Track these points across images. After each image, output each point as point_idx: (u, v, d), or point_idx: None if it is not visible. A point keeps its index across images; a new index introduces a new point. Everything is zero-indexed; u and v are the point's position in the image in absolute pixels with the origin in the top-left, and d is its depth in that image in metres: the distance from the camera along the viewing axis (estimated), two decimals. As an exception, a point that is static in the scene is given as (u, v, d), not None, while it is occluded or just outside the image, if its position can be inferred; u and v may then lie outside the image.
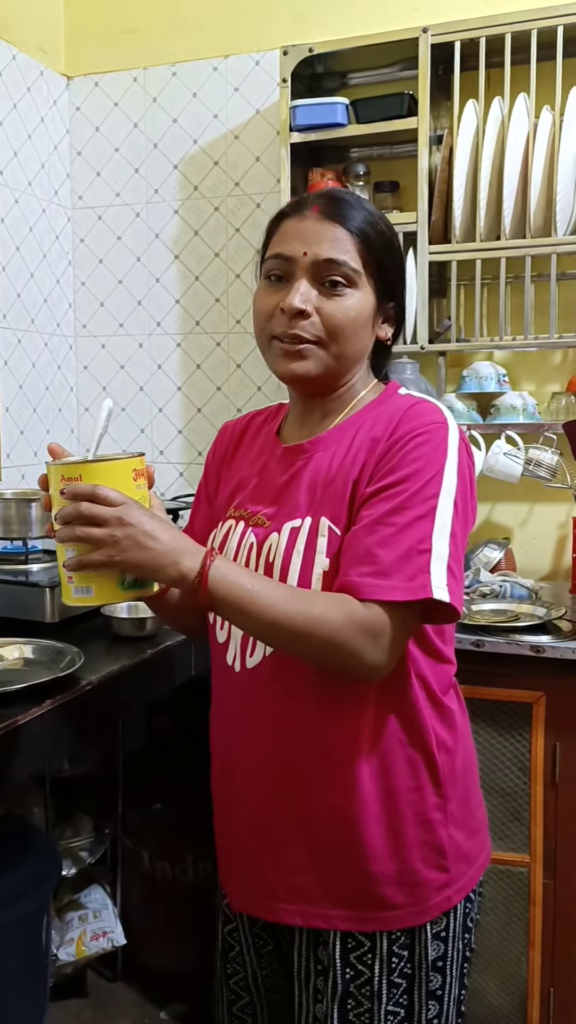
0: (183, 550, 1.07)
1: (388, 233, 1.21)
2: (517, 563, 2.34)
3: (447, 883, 1.21)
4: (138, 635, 1.77)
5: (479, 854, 1.28)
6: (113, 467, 1.06)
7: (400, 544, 1.08)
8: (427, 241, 2.16)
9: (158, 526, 1.06)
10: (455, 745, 1.22)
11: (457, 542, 1.11)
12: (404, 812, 1.17)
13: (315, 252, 1.15)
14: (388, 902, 1.18)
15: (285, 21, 2.46)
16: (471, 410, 2.30)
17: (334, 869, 1.18)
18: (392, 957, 1.20)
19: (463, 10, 2.23)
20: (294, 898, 1.20)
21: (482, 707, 1.87)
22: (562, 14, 2.03)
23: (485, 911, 1.91)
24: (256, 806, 1.22)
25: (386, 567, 1.07)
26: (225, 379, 2.61)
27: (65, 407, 2.73)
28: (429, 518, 1.09)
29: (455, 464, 1.12)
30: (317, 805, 1.17)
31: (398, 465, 1.11)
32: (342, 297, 1.16)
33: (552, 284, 2.11)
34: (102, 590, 1.08)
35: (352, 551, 1.10)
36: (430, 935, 1.21)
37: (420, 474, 1.10)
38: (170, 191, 2.62)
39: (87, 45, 2.67)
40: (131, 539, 1.04)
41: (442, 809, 1.20)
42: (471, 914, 1.27)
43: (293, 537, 1.16)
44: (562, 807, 1.83)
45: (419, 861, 1.18)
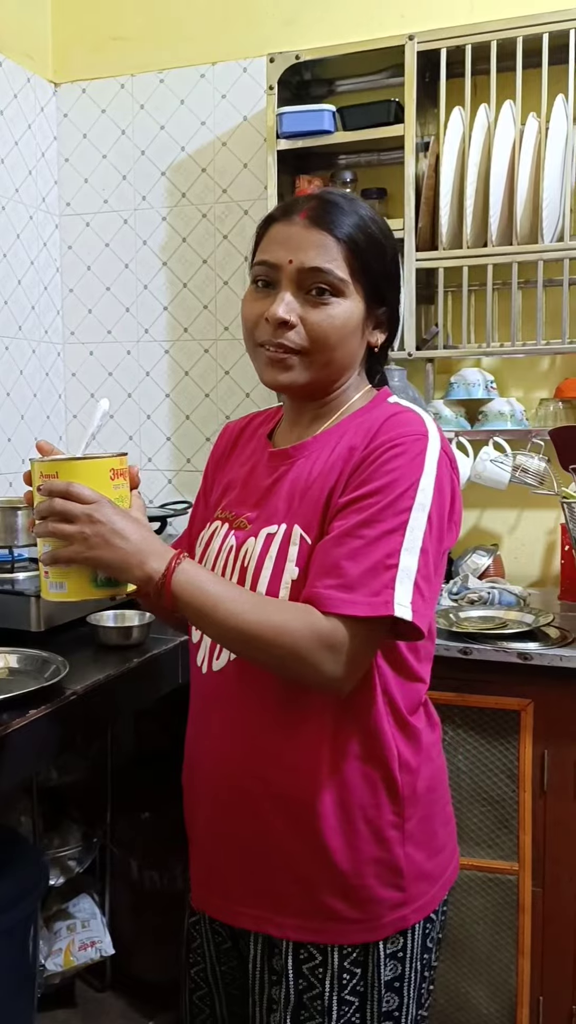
0: (151, 551, 1.06)
1: (379, 236, 1.19)
2: (506, 569, 2.34)
3: (402, 902, 1.18)
4: (124, 644, 1.76)
5: (441, 875, 1.24)
6: (90, 465, 1.08)
7: (367, 558, 1.06)
8: (414, 248, 2.16)
9: (129, 525, 1.06)
10: (419, 764, 1.20)
11: (428, 559, 1.09)
12: (359, 828, 1.16)
13: (300, 260, 1.14)
14: (339, 915, 1.16)
15: (272, 28, 2.46)
16: (459, 416, 2.30)
17: (287, 877, 1.17)
18: (343, 973, 1.18)
19: (449, 18, 2.24)
20: (248, 902, 1.20)
21: (470, 715, 1.86)
22: (547, 22, 2.03)
23: (475, 920, 1.90)
24: (215, 808, 1.22)
25: (351, 581, 1.06)
26: (213, 386, 2.61)
27: (53, 414, 2.72)
28: (399, 532, 1.07)
29: (432, 478, 1.10)
30: (273, 813, 1.16)
31: (371, 476, 1.10)
32: (328, 306, 1.14)
33: (539, 291, 2.11)
34: (75, 586, 1.09)
35: (319, 562, 1.09)
36: (384, 954, 1.18)
37: (393, 487, 1.08)
38: (158, 198, 2.62)
39: (74, 52, 2.67)
40: (100, 536, 1.04)
41: (399, 828, 1.18)
42: (431, 934, 1.24)
43: (267, 543, 1.16)
44: (551, 815, 1.83)
45: (373, 878, 1.16)
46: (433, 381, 2.36)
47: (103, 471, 1.08)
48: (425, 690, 1.23)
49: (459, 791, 1.88)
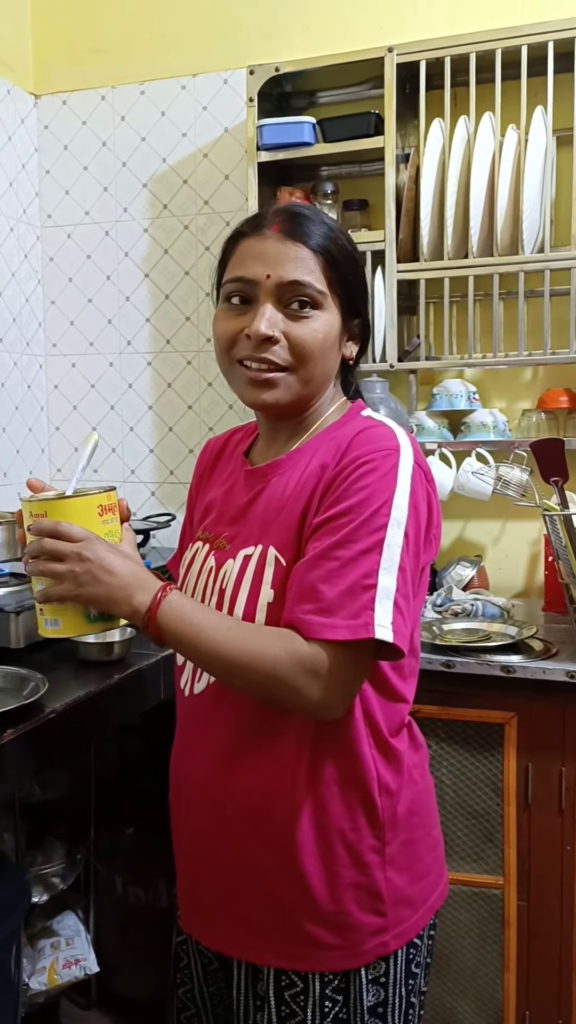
0: (138, 585, 1.06)
1: (350, 248, 1.18)
2: (490, 581, 2.34)
3: (383, 928, 1.16)
4: (105, 660, 1.75)
5: (425, 899, 1.22)
6: (77, 503, 1.08)
7: (344, 580, 1.04)
8: (395, 259, 2.16)
9: (117, 560, 1.06)
10: (400, 787, 1.18)
11: (407, 576, 1.07)
12: (338, 852, 1.14)
13: (279, 274, 1.11)
14: (319, 942, 1.14)
15: (253, 40, 2.46)
16: (442, 428, 2.30)
17: (267, 903, 1.15)
18: (325, 1001, 1.15)
19: (429, 30, 2.24)
20: (230, 927, 1.19)
21: (454, 728, 1.85)
22: (527, 34, 2.04)
23: (461, 935, 1.89)
24: (197, 831, 1.22)
25: (329, 604, 1.04)
26: (196, 398, 2.60)
27: (36, 427, 2.71)
28: (376, 551, 1.05)
29: (406, 493, 1.08)
30: (252, 837, 1.15)
31: (343, 495, 1.08)
32: (309, 319, 1.13)
33: (520, 302, 2.11)
34: (69, 622, 1.10)
35: (297, 587, 1.07)
36: (365, 980, 1.16)
37: (365, 504, 1.06)
38: (139, 209, 2.61)
39: (55, 63, 2.66)
40: (89, 574, 1.04)
41: (379, 852, 1.16)
42: (416, 959, 1.21)
43: (244, 565, 1.15)
44: (535, 828, 1.82)
45: (352, 903, 1.14)
46: (416, 392, 2.36)
47: (91, 508, 1.09)
48: (407, 710, 1.21)
49: (443, 805, 1.87)
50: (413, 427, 2.26)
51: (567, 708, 1.78)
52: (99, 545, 1.06)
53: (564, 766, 1.79)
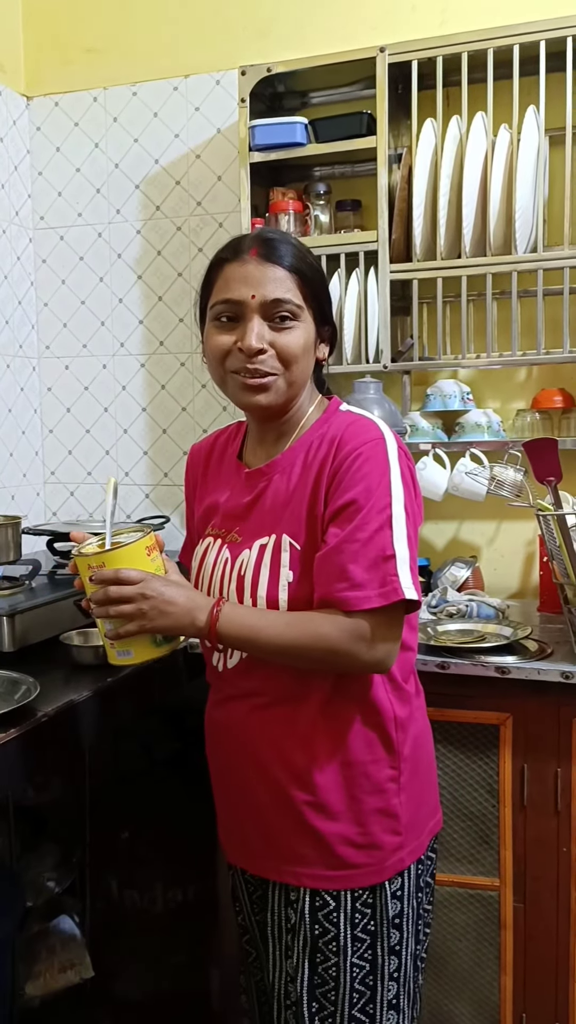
0: (197, 607, 1.26)
1: (315, 263, 1.35)
2: (485, 581, 2.33)
3: (400, 845, 1.35)
4: (98, 663, 1.74)
5: (429, 820, 1.43)
6: (129, 551, 1.25)
7: (367, 557, 1.22)
8: (388, 260, 2.16)
9: (175, 592, 1.26)
10: (410, 723, 1.37)
11: (411, 543, 1.26)
12: (361, 782, 1.32)
13: (263, 294, 1.28)
14: (349, 862, 1.32)
15: (245, 41, 2.45)
16: (436, 428, 2.29)
17: (301, 832, 1.33)
18: (355, 914, 1.34)
19: (421, 30, 2.24)
20: (271, 856, 1.37)
21: (449, 729, 1.85)
22: (518, 33, 2.03)
23: (457, 937, 1.89)
24: (236, 775, 1.40)
25: (360, 580, 1.22)
26: (190, 399, 2.59)
27: (29, 429, 2.70)
28: (387, 528, 1.24)
29: (398, 473, 1.27)
30: (287, 777, 1.32)
31: (348, 485, 1.25)
32: (291, 330, 1.30)
33: (513, 302, 2.11)
34: (139, 650, 1.28)
35: (327, 572, 1.24)
36: (389, 893, 1.35)
37: (370, 491, 1.24)
38: (132, 211, 2.60)
39: (47, 65, 2.65)
40: (155, 609, 1.23)
41: (396, 780, 1.35)
42: (423, 876, 1.41)
43: (261, 553, 1.32)
44: (531, 830, 1.81)
45: (376, 825, 1.33)
46: (410, 393, 2.36)
47: (140, 552, 1.26)
48: (414, 657, 1.42)
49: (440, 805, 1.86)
50: (407, 427, 2.26)
51: (562, 709, 1.77)
52: (156, 582, 1.24)
53: (560, 767, 1.78)
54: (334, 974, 1.34)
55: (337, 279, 2.22)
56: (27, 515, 2.65)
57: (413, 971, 1.41)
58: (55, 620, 1.88)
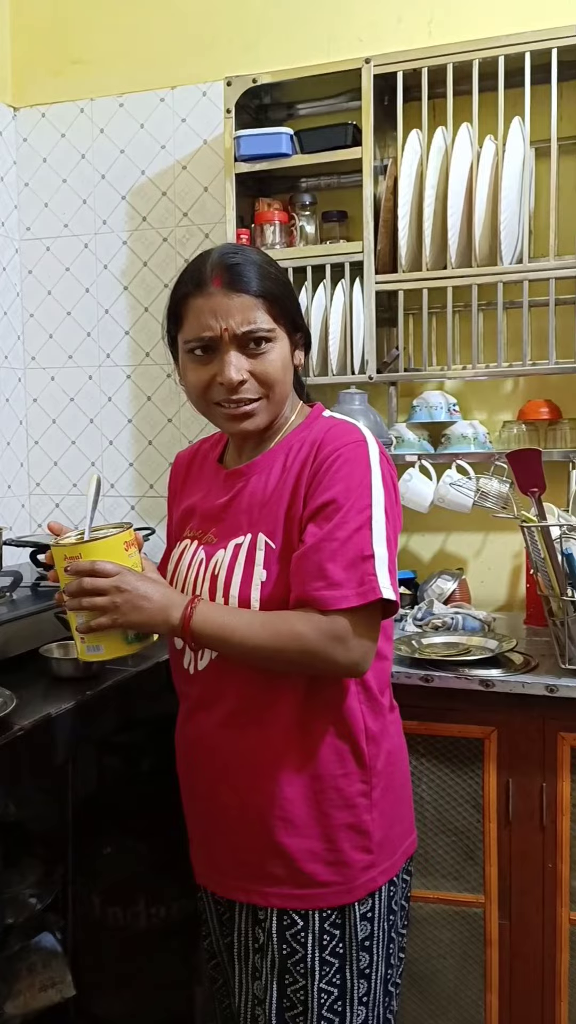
0: (171, 603, 1.24)
1: (279, 274, 1.33)
2: (472, 594, 2.31)
3: (371, 864, 1.31)
4: (78, 676, 1.72)
5: (402, 841, 1.39)
6: (107, 543, 1.24)
7: (345, 556, 1.21)
8: (374, 271, 2.15)
9: (150, 587, 1.23)
10: (382, 737, 1.34)
11: (391, 545, 1.25)
12: (331, 796, 1.29)
13: (233, 327, 1.26)
14: (317, 880, 1.29)
15: (232, 53, 2.45)
16: (422, 440, 2.28)
17: (269, 850, 1.29)
18: (324, 935, 1.30)
19: (406, 41, 2.24)
20: (237, 874, 1.33)
21: (433, 743, 1.83)
22: (503, 45, 2.03)
23: (442, 955, 1.86)
24: (206, 790, 1.37)
25: (338, 579, 1.20)
26: (176, 411, 2.58)
27: (14, 440, 2.68)
28: (366, 528, 1.22)
29: (379, 476, 1.25)
30: (254, 789, 1.30)
31: (328, 485, 1.24)
32: (266, 353, 1.29)
33: (499, 313, 2.10)
34: (110, 646, 1.26)
35: (304, 570, 1.22)
36: (359, 915, 1.31)
37: (350, 491, 1.23)
38: (118, 222, 2.60)
39: (34, 76, 2.65)
40: (129, 603, 1.22)
41: (367, 795, 1.31)
42: (396, 898, 1.37)
43: (236, 551, 1.30)
44: (516, 845, 1.79)
45: (346, 842, 1.29)
46: (396, 404, 2.34)
47: (118, 546, 1.25)
48: (390, 669, 1.40)
49: (424, 822, 1.84)
50: (393, 439, 2.25)
51: (547, 722, 1.75)
52: (132, 576, 1.23)
53: (545, 781, 1.76)
54: (302, 997, 1.30)
55: (323, 290, 2.21)
56: (11, 526, 2.63)
57: (384, 996, 1.37)
58: (36, 632, 1.85)
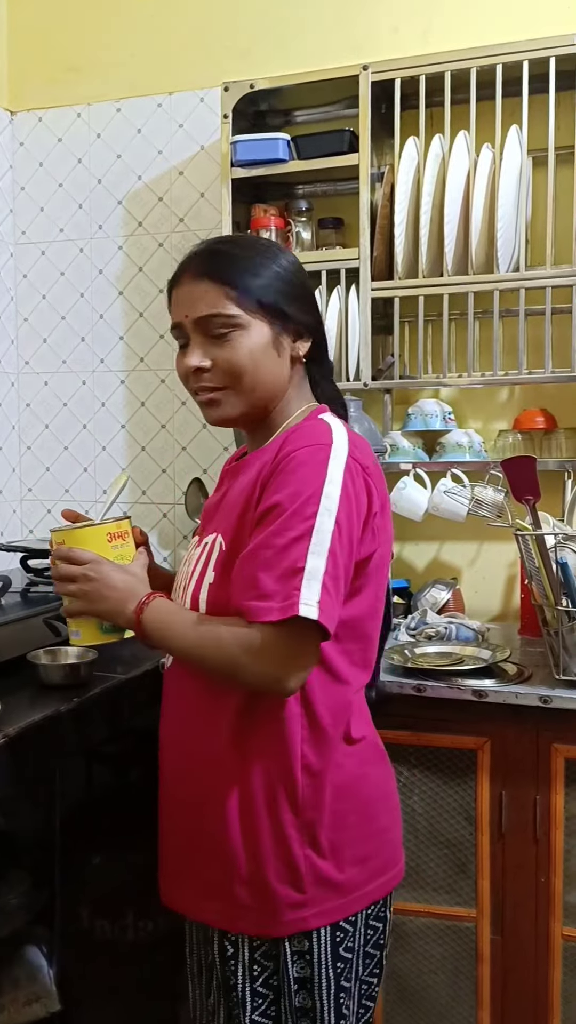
0: (132, 596, 1.24)
1: (261, 266, 1.26)
2: (466, 604, 2.30)
3: (302, 903, 1.22)
4: (67, 683, 1.69)
5: (355, 888, 1.27)
6: (89, 532, 1.28)
7: (278, 566, 1.14)
8: (370, 277, 2.14)
9: (119, 578, 1.25)
10: (324, 770, 1.24)
11: (338, 560, 1.15)
12: (260, 821, 1.23)
13: (193, 313, 1.25)
14: (244, 904, 1.24)
15: (230, 58, 2.45)
16: (417, 448, 2.27)
17: (211, 865, 1.26)
18: (254, 965, 1.25)
19: (404, 49, 2.24)
20: (185, 889, 1.31)
21: (425, 754, 1.80)
22: (501, 53, 2.03)
23: (433, 971, 1.83)
24: (164, 798, 1.36)
25: (267, 590, 1.14)
26: (170, 417, 2.56)
27: (6, 445, 2.66)
28: (305, 538, 1.14)
29: (337, 484, 1.16)
30: (198, 802, 1.27)
31: (278, 487, 1.18)
32: (230, 342, 1.24)
33: (495, 321, 2.09)
34: (87, 633, 1.30)
35: (241, 577, 1.18)
36: (290, 951, 1.24)
37: (296, 495, 1.15)
38: (114, 227, 2.59)
39: (31, 80, 2.64)
40: (96, 591, 1.24)
41: (300, 830, 1.23)
42: (346, 944, 1.26)
43: (203, 551, 1.30)
44: (509, 859, 1.77)
45: (270, 871, 1.22)
46: (391, 412, 2.33)
47: (100, 536, 1.28)
48: (352, 693, 1.27)
49: (415, 834, 1.81)
50: (387, 447, 2.23)
51: (541, 734, 1.73)
52: (105, 566, 1.25)
53: (538, 794, 1.74)
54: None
55: (318, 296, 2.20)
56: (2, 532, 2.61)
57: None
58: (24, 638, 1.83)
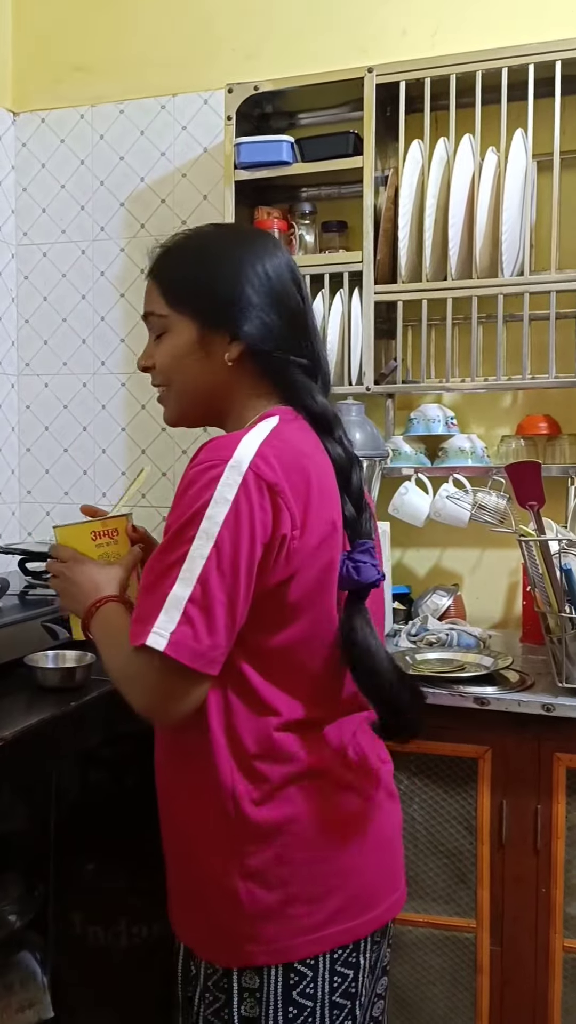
0: (89, 597, 1.24)
1: (197, 262, 1.21)
2: (467, 610, 2.28)
3: (251, 938, 1.16)
4: (64, 686, 1.68)
5: (317, 928, 1.17)
6: (72, 530, 1.31)
7: (155, 591, 1.09)
8: (373, 281, 2.12)
9: (86, 578, 1.25)
10: (262, 801, 1.15)
11: (211, 587, 1.06)
12: (199, 849, 1.20)
13: (144, 311, 1.27)
14: (198, 926, 1.23)
15: (234, 61, 2.44)
16: (419, 453, 2.25)
17: (179, 881, 1.27)
18: (207, 992, 1.21)
19: (409, 52, 2.23)
20: (170, 903, 1.31)
21: (426, 763, 1.78)
22: (506, 56, 2.02)
23: (431, 982, 1.81)
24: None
25: (142, 613, 1.10)
26: (170, 420, 2.55)
27: (6, 447, 2.65)
28: (179, 564, 1.08)
29: (226, 503, 1.07)
30: (164, 821, 1.29)
31: (172, 507, 1.14)
32: (160, 342, 1.24)
33: (499, 326, 2.07)
34: (75, 629, 1.31)
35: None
36: (238, 985, 1.18)
37: (180, 516, 1.10)
38: (116, 229, 2.57)
39: (34, 81, 2.63)
40: (66, 590, 1.27)
41: (239, 861, 1.16)
42: (301, 988, 1.17)
43: None
44: (509, 869, 1.74)
45: (215, 899, 1.18)
46: (393, 417, 2.31)
47: (84, 534, 1.30)
48: (278, 724, 1.16)
49: (414, 843, 1.79)
50: (389, 451, 2.21)
51: (543, 743, 1.71)
52: (80, 566, 1.26)
53: (540, 804, 1.72)
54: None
55: (321, 299, 2.18)
56: (1, 534, 2.59)
57: None
58: (22, 641, 1.81)
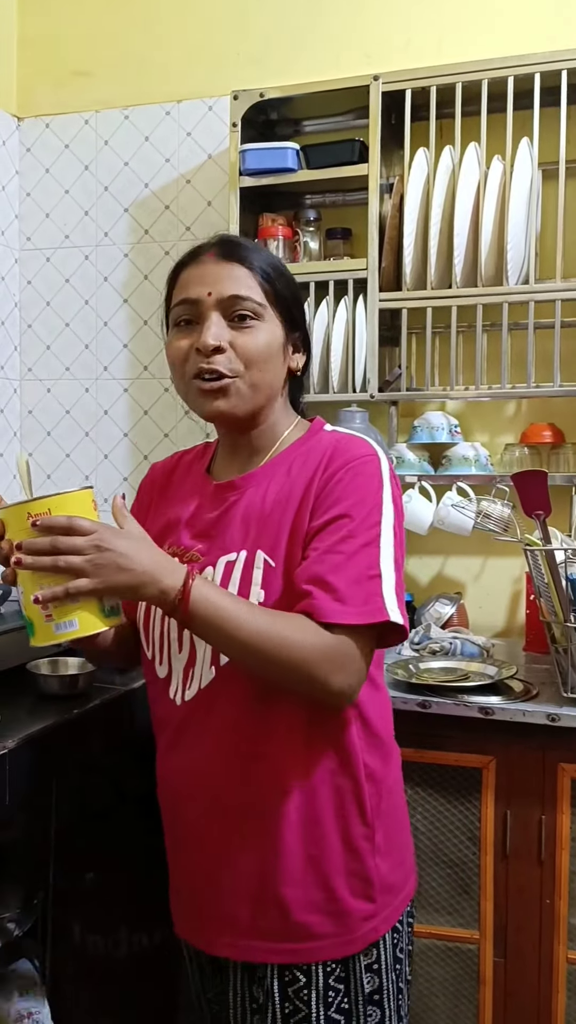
0: (163, 568, 1.07)
1: (282, 266, 1.27)
2: (470, 619, 2.27)
3: (372, 913, 1.21)
4: (66, 693, 1.67)
5: (404, 885, 1.28)
6: (78, 497, 1.07)
7: (350, 571, 1.11)
8: (378, 288, 2.12)
9: (134, 547, 1.06)
10: (383, 775, 1.23)
11: (399, 567, 1.16)
12: (331, 840, 1.19)
13: (219, 291, 1.18)
14: (316, 932, 1.18)
15: (239, 68, 2.44)
16: (422, 460, 2.25)
17: (261, 899, 1.19)
18: (328, 991, 1.20)
19: (416, 59, 2.23)
20: (225, 930, 1.21)
21: (429, 772, 1.77)
22: (512, 65, 2.02)
23: (434, 993, 1.80)
24: (191, 834, 1.25)
25: (340, 594, 1.10)
26: (173, 426, 2.54)
27: (8, 452, 2.64)
28: (375, 545, 1.13)
29: (389, 493, 1.17)
30: (250, 834, 1.19)
31: (339, 498, 1.15)
32: (252, 329, 1.19)
33: (503, 334, 2.07)
34: (86, 621, 1.06)
35: (305, 579, 1.12)
36: (362, 967, 1.21)
37: (361, 505, 1.14)
38: (120, 234, 2.57)
39: (39, 87, 2.63)
40: (112, 564, 1.04)
41: (369, 839, 1.21)
42: (399, 944, 1.26)
43: (228, 570, 1.18)
44: (513, 880, 1.74)
45: (345, 889, 1.19)
46: (397, 424, 2.31)
47: (88, 501, 1.08)
48: (387, 696, 1.29)
49: (418, 853, 1.78)
50: (393, 459, 2.21)
51: (547, 753, 1.71)
52: (111, 533, 1.05)
53: (544, 814, 1.71)
54: None
55: (325, 307, 2.18)
56: (2, 540, 2.58)
57: None
58: (23, 648, 1.80)
